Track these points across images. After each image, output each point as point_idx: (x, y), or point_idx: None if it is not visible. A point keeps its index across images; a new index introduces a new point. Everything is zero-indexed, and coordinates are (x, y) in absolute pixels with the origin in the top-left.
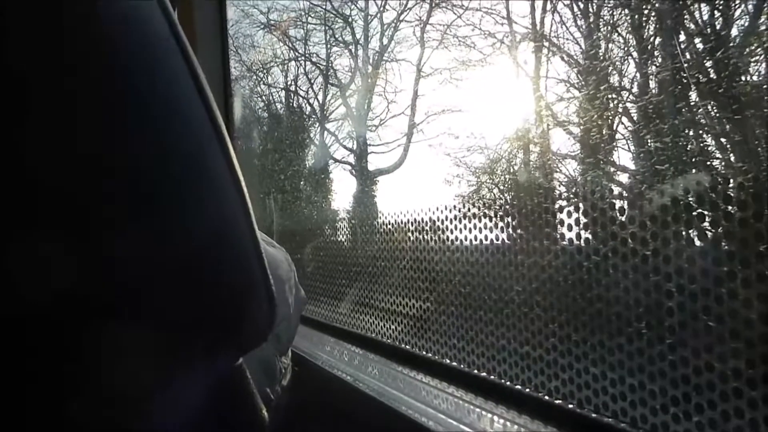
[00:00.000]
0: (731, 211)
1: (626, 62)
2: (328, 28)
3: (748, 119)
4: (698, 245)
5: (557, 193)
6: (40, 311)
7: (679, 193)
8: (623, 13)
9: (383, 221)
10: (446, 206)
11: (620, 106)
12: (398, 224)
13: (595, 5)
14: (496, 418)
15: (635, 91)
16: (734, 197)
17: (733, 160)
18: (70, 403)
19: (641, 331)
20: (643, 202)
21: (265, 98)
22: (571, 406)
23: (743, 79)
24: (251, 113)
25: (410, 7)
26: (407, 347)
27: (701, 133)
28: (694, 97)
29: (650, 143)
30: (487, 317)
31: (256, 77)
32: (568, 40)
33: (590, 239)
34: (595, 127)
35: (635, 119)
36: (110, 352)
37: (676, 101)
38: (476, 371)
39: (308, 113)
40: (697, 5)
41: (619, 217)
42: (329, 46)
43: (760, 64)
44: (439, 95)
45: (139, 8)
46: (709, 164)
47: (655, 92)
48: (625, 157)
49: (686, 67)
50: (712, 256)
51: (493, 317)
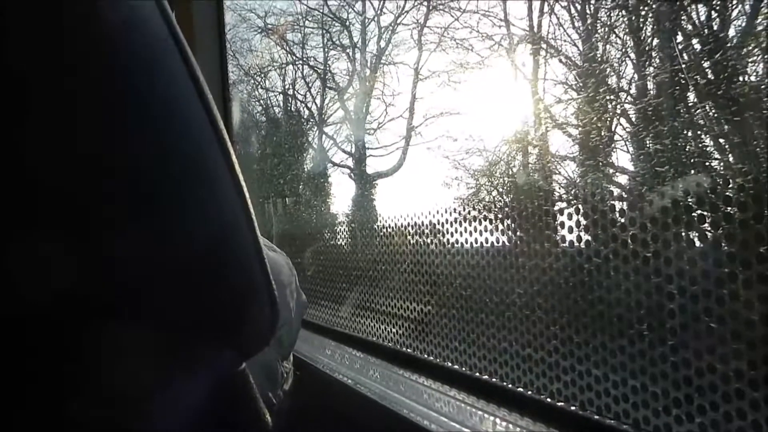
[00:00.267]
0: (731, 212)
1: (624, 64)
2: (325, 31)
3: (747, 120)
4: (699, 247)
5: (557, 195)
6: (40, 311)
7: (679, 194)
8: (621, 14)
9: (383, 224)
10: (446, 209)
11: (619, 107)
12: (398, 227)
13: (592, 7)
14: (498, 420)
15: (633, 92)
16: (734, 199)
17: (732, 161)
18: (70, 403)
19: (643, 332)
20: (643, 203)
21: (263, 102)
22: (573, 408)
23: (741, 80)
24: (249, 117)
25: (407, 10)
26: (408, 350)
27: (700, 134)
28: (692, 98)
29: (649, 145)
30: (488, 320)
31: (254, 81)
32: (566, 42)
33: (591, 241)
34: (594, 129)
35: (634, 121)
36: (110, 352)
37: (675, 103)
38: (478, 374)
39: (306, 117)
40: (694, 6)
41: (619, 219)
42: (327, 49)
43: (758, 64)
44: (437, 98)
45: (138, 9)
46: (708, 166)
47: (653, 94)
48: (624, 159)
49: (684, 68)
50: (712, 257)
51: (494, 320)
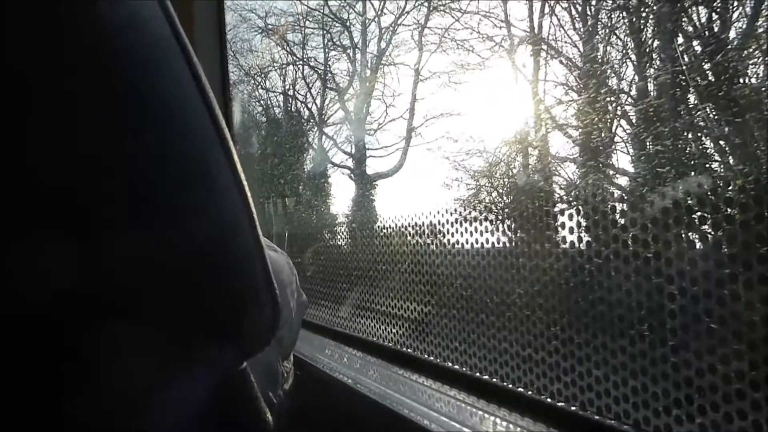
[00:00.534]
0: (732, 213)
1: (625, 65)
2: (326, 32)
3: (747, 122)
4: (700, 248)
5: (557, 196)
6: (40, 311)
7: (680, 195)
8: (621, 16)
9: (383, 225)
10: (446, 209)
11: (619, 109)
12: (398, 228)
13: (593, 8)
14: (498, 420)
15: (634, 94)
16: (735, 200)
17: (733, 162)
18: (70, 403)
19: (643, 333)
20: (644, 204)
21: (263, 102)
22: (573, 408)
23: (742, 81)
24: (250, 118)
25: (408, 10)
26: (408, 350)
27: (700, 136)
28: (693, 100)
29: (650, 146)
30: (488, 320)
31: (254, 82)
32: (566, 43)
33: (591, 242)
34: (595, 130)
35: (635, 122)
36: (110, 352)
37: (676, 104)
38: (478, 374)
39: (307, 117)
40: (695, 8)
41: (620, 219)
42: (327, 50)
43: (758, 66)
44: (437, 99)
45: (140, 9)
46: (709, 167)
47: (654, 95)
48: (625, 160)
49: (685, 70)
50: (713, 258)
51: (495, 320)
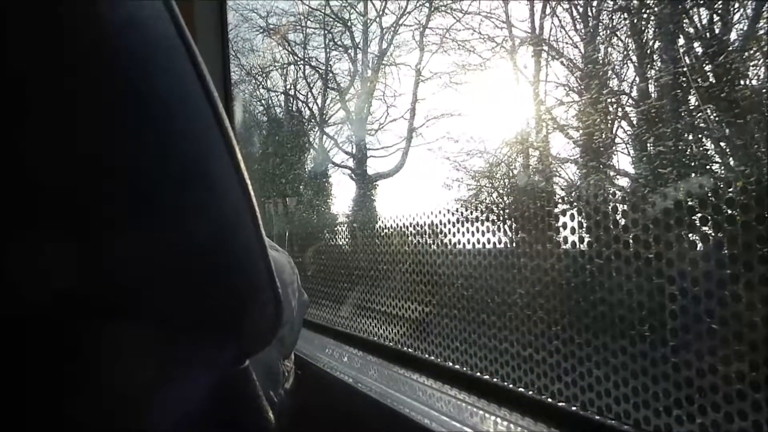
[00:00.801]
0: (733, 214)
1: (626, 66)
2: (327, 32)
3: (748, 123)
4: (701, 248)
5: (558, 196)
6: (40, 311)
7: (681, 196)
8: (623, 17)
9: (383, 225)
10: (447, 209)
11: (620, 110)
12: (399, 228)
13: (594, 9)
14: (499, 420)
15: (636, 95)
16: (736, 200)
17: (734, 163)
18: (70, 403)
19: (644, 333)
20: (645, 205)
21: (264, 102)
22: (574, 408)
23: (743, 83)
24: (251, 117)
25: (409, 11)
26: (409, 350)
27: (701, 137)
28: (694, 101)
29: (650, 147)
30: (489, 320)
31: (255, 81)
32: (567, 44)
33: (593, 242)
34: (596, 131)
35: (637, 123)
36: (110, 352)
37: (677, 105)
38: (479, 374)
39: (308, 117)
40: (696, 10)
41: (621, 220)
42: (328, 50)
43: (759, 68)
44: (438, 99)
45: (142, 8)
46: (710, 167)
47: (656, 96)
48: (626, 160)
49: (687, 71)
50: (714, 259)
51: (495, 320)
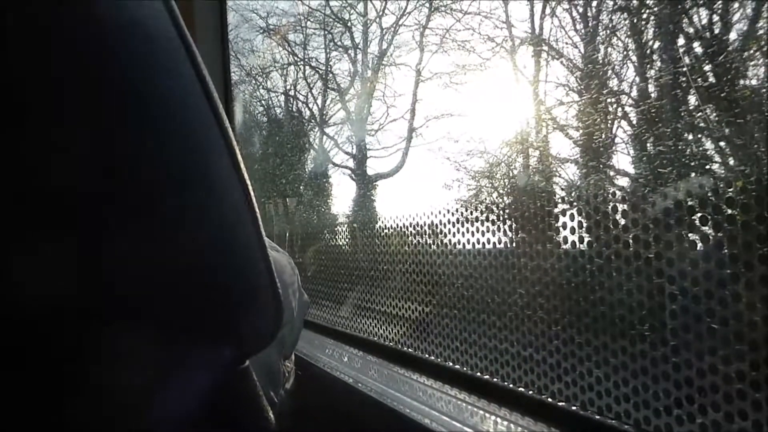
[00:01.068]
0: (733, 214)
1: (626, 66)
2: (327, 32)
3: (749, 123)
4: (701, 248)
5: (558, 196)
6: (40, 312)
7: (681, 196)
8: (622, 17)
9: (384, 225)
10: (448, 209)
11: (620, 110)
12: (399, 228)
13: (594, 9)
14: (499, 420)
15: (635, 95)
16: (736, 200)
17: (734, 163)
18: (70, 403)
19: (644, 333)
20: (646, 205)
21: (264, 103)
22: (574, 408)
23: (743, 83)
24: (251, 117)
25: (409, 11)
26: (409, 350)
27: (700, 137)
28: (694, 101)
29: (650, 147)
30: (490, 320)
31: (255, 82)
32: (567, 44)
33: (593, 242)
34: (596, 130)
35: (636, 123)
36: (111, 352)
37: (678, 105)
38: (479, 374)
39: (308, 118)
40: (695, 9)
41: (621, 220)
42: (328, 50)
43: (759, 68)
44: (438, 99)
45: (143, 9)
46: (710, 168)
47: (655, 96)
48: (626, 160)
49: (687, 71)
50: (715, 258)
51: (496, 320)
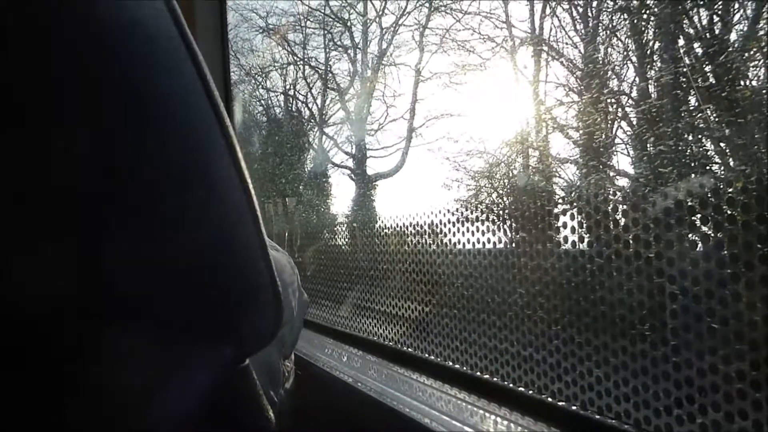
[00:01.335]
0: (733, 213)
1: (626, 67)
2: (327, 32)
3: (748, 123)
4: (701, 248)
5: (558, 196)
6: (40, 312)
7: (681, 195)
8: (623, 17)
9: (383, 225)
10: (448, 209)
11: (620, 110)
12: (399, 228)
13: (594, 10)
14: (499, 419)
15: (635, 95)
16: (736, 200)
17: (734, 163)
18: (70, 403)
19: (644, 333)
20: (646, 204)
21: (264, 102)
22: (574, 407)
23: (743, 84)
24: (251, 117)
25: (409, 11)
26: (409, 349)
27: (701, 137)
28: (694, 101)
29: (650, 147)
30: (490, 320)
31: (255, 81)
32: (567, 44)
33: (593, 242)
34: (597, 130)
35: (637, 123)
36: (110, 352)
37: (678, 105)
38: (479, 373)
39: (307, 117)
40: (696, 10)
41: (622, 219)
42: (328, 50)
43: (759, 68)
44: (438, 99)
45: (145, 8)
46: (710, 167)
47: (655, 96)
48: (625, 161)
49: (687, 71)
50: (715, 258)
51: (496, 320)
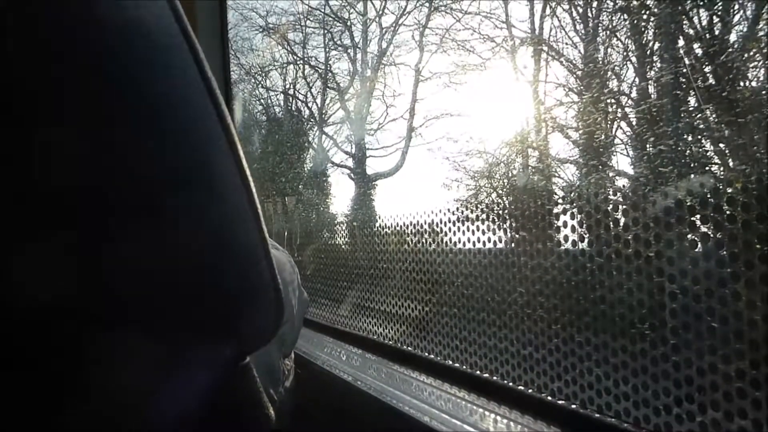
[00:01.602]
0: (733, 213)
1: (626, 67)
2: (326, 31)
3: (748, 123)
4: (701, 247)
5: (558, 196)
6: (40, 312)
7: (682, 195)
8: (622, 18)
9: (383, 224)
10: (448, 209)
11: (620, 110)
12: (398, 227)
13: (594, 10)
14: (498, 418)
15: (635, 95)
16: (737, 199)
17: (734, 163)
18: (70, 403)
19: (644, 332)
20: (646, 204)
21: (264, 101)
22: (574, 406)
23: (743, 84)
24: (250, 116)
25: (409, 11)
26: (408, 348)
27: (701, 137)
28: (694, 101)
29: (650, 147)
30: (489, 319)
31: (255, 80)
32: (567, 44)
33: (593, 241)
34: (597, 130)
35: (637, 123)
36: (111, 352)
37: (678, 105)
38: (479, 372)
39: (307, 117)
40: (696, 11)
41: (622, 219)
42: (328, 49)
43: (759, 69)
44: (438, 99)
45: (147, 7)
46: (710, 167)
47: (655, 96)
48: (627, 160)
49: (687, 71)
50: (715, 257)
51: (496, 319)
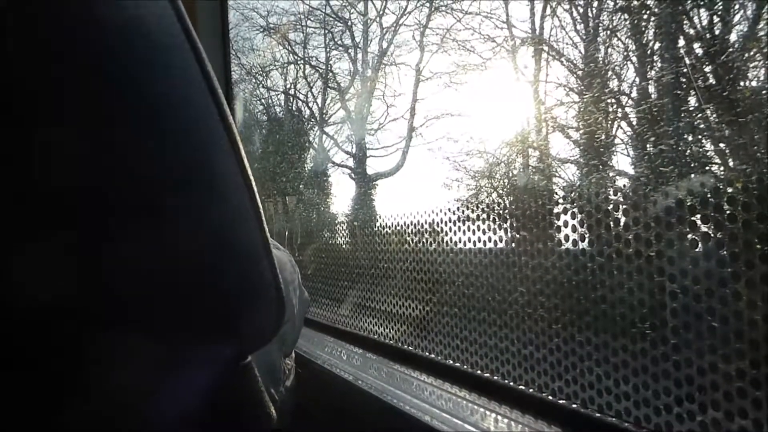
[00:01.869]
0: (734, 212)
1: (626, 67)
2: (327, 31)
3: (748, 123)
4: (701, 247)
5: (559, 195)
6: (40, 312)
7: (682, 194)
8: (623, 17)
9: (384, 224)
10: (449, 209)
11: (620, 110)
12: (399, 227)
13: (594, 10)
14: (499, 417)
15: (635, 95)
16: (737, 199)
17: (734, 163)
18: (70, 403)
19: (645, 331)
20: (647, 203)
21: (265, 101)
22: (574, 406)
23: (744, 84)
24: (251, 116)
25: (410, 11)
26: (409, 348)
27: (700, 138)
28: (694, 101)
29: (650, 147)
30: (490, 318)
31: (255, 80)
32: (567, 44)
33: (594, 241)
34: (597, 130)
35: (637, 123)
36: (112, 351)
37: (679, 105)
38: (479, 372)
39: (308, 116)
40: (696, 10)
41: (622, 218)
42: (329, 49)
43: (759, 69)
44: (438, 99)
45: (148, 7)
46: (711, 167)
47: (656, 96)
48: (625, 160)
49: (687, 71)
50: (715, 257)
51: (496, 318)
